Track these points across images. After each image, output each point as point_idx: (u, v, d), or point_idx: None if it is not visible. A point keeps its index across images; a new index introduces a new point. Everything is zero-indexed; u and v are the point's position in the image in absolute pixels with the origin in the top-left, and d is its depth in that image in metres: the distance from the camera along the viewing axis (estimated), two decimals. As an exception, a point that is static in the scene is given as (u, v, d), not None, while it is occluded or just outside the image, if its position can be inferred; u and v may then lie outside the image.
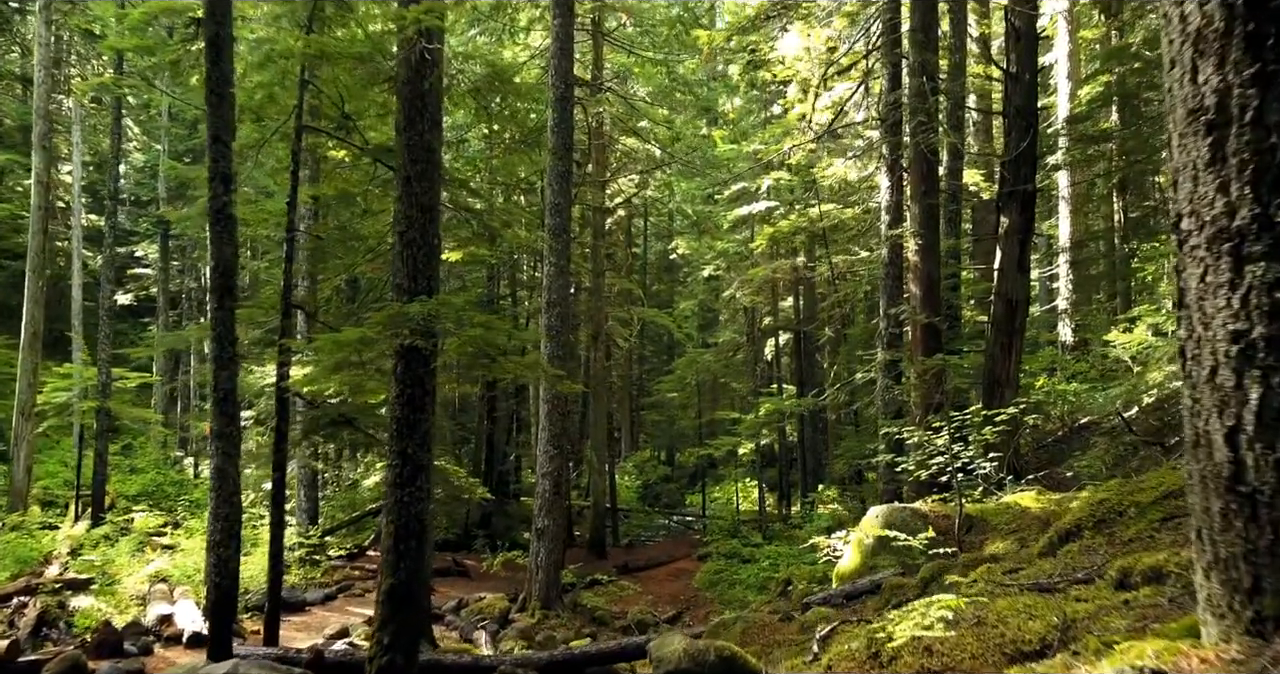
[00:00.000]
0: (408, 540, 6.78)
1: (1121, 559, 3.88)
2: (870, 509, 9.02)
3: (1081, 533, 5.53)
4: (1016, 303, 12.32)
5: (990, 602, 3.98)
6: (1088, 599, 3.53)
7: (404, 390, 6.95)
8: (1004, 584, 4.54)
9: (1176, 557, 3.42)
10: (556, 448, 14.44)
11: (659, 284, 44.46)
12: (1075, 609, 3.31)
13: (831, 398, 13.79)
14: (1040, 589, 4.07)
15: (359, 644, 11.20)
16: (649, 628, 14.40)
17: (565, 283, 14.68)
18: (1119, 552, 4.73)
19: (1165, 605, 3.05)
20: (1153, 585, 3.34)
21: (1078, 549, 5.13)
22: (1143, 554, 3.65)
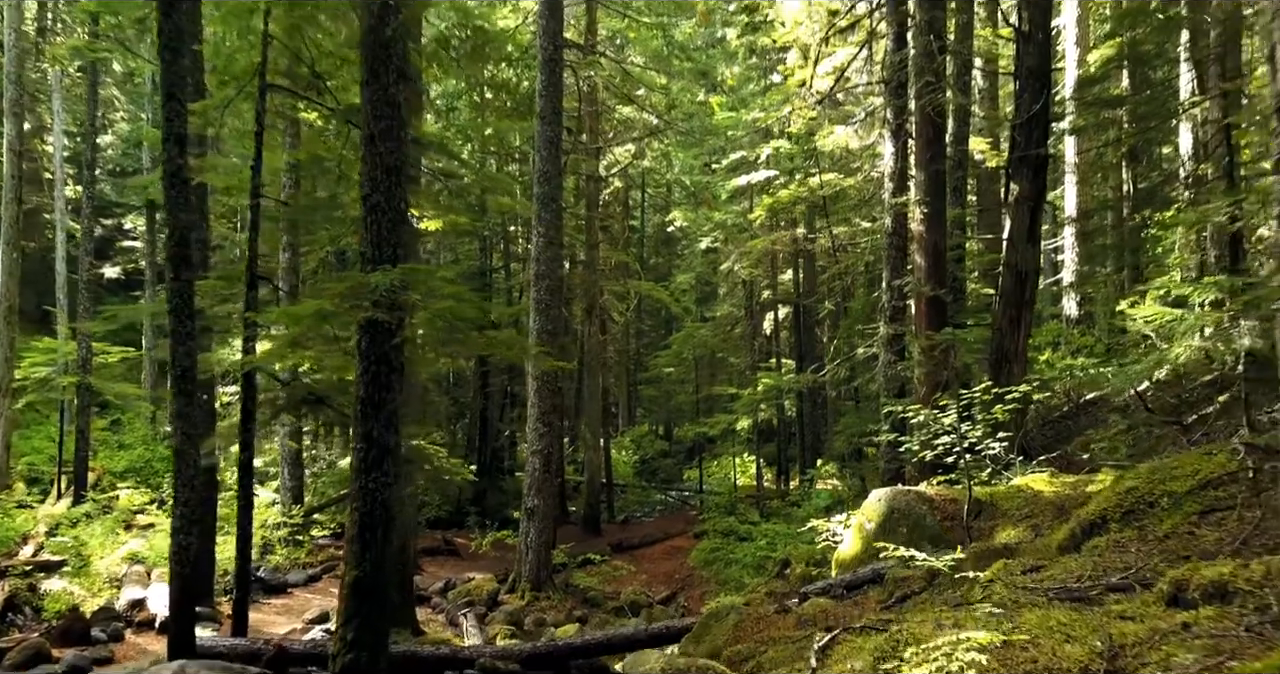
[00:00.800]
0: (373, 530, 6.27)
1: (1173, 568, 3.37)
2: (872, 492, 8.51)
3: (1107, 525, 5.01)
4: (1026, 274, 11.76)
5: (1014, 612, 3.46)
6: (1133, 616, 3.01)
7: (369, 368, 6.41)
8: (1027, 588, 4.02)
9: (1245, 571, 2.91)
10: (547, 425, 13.94)
11: (657, 257, 43.85)
12: (1122, 631, 2.80)
13: (831, 374, 13.27)
14: (1071, 597, 3.55)
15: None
16: (642, 610, 14.00)
17: (555, 254, 14.10)
18: (1155, 550, 4.21)
19: (1240, 635, 2.54)
20: (1217, 605, 2.83)
21: (1105, 545, 4.61)
22: (1200, 564, 3.13)
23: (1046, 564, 4.57)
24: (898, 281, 12.48)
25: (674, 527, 22.07)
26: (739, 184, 23.54)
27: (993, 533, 7.24)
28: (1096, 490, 7.16)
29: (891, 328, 12.51)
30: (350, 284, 5.99)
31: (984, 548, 6.35)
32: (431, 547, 17.95)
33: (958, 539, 7.56)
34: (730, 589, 15.48)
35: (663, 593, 15.54)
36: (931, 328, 11.98)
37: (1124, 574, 3.83)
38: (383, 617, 6.34)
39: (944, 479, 9.09)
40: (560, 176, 14.39)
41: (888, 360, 12.36)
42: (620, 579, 15.81)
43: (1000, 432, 8.56)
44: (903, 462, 11.73)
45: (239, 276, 8.75)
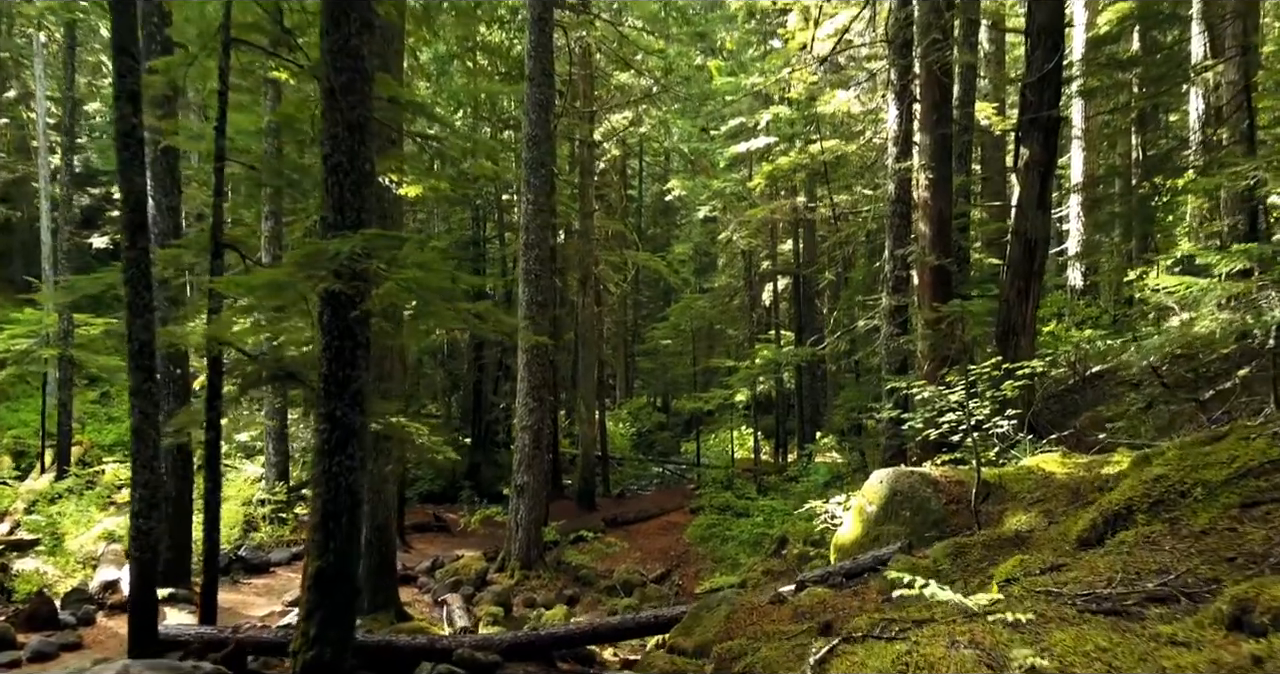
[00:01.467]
0: (337, 517, 5.82)
1: (1229, 579, 2.93)
2: (873, 473, 8.07)
3: (1133, 516, 4.55)
4: (1035, 243, 11.23)
5: (1040, 628, 3.01)
6: (1187, 642, 2.56)
7: (331, 342, 5.93)
8: (1049, 593, 3.57)
9: (1329, 592, 2.46)
10: (537, 400, 13.49)
11: (655, 227, 43.23)
12: (1178, 664, 2.36)
13: (831, 347, 12.79)
14: (1105, 609, 3.10)
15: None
16: (634, 589, 13.65)
17: (545, 222, 13.57)
18: (1193, 549, 3.75)
19: (1335, 681, 2.10)
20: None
21: (1134, 541, 4.15)
22: (1268, 580, 2.67)
23: (1068, 562, 4.11)
24: (901, 251, 11.96)
25: (670, 501, 21.72)
26: (738, 151, 22.91)
27: (1002, 518, 6.80)
28: (1114, 473, 6.71)
29: (894, 299, 12.03)
30: (306, 251, 5.49)
31: (993, 536, 5.91)
32: (421, 523, 17.60)
33: (963, 524, 7.14)
34: (726, 567, 15.13)
35: (657, 571, 15.18)
36: (936, 299, 11.49)
37: (1162, 580, 3.37)
38: (349, 610, 5.91)
39: (949, 459, 8.65)
40: (550, 141, 13.81)
41: (890, 333, 11.89)
42: (613, 556, 15.46)
43: (1008, 409, 8.12)
44: (904, 439, 11.30)
45: (204, 245, 8.23)
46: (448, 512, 19.68)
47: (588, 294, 20.66)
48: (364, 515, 6.09)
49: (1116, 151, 23.95)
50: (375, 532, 10.42)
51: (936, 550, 6.09)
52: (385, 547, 10.50)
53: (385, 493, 10.49)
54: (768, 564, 14.30)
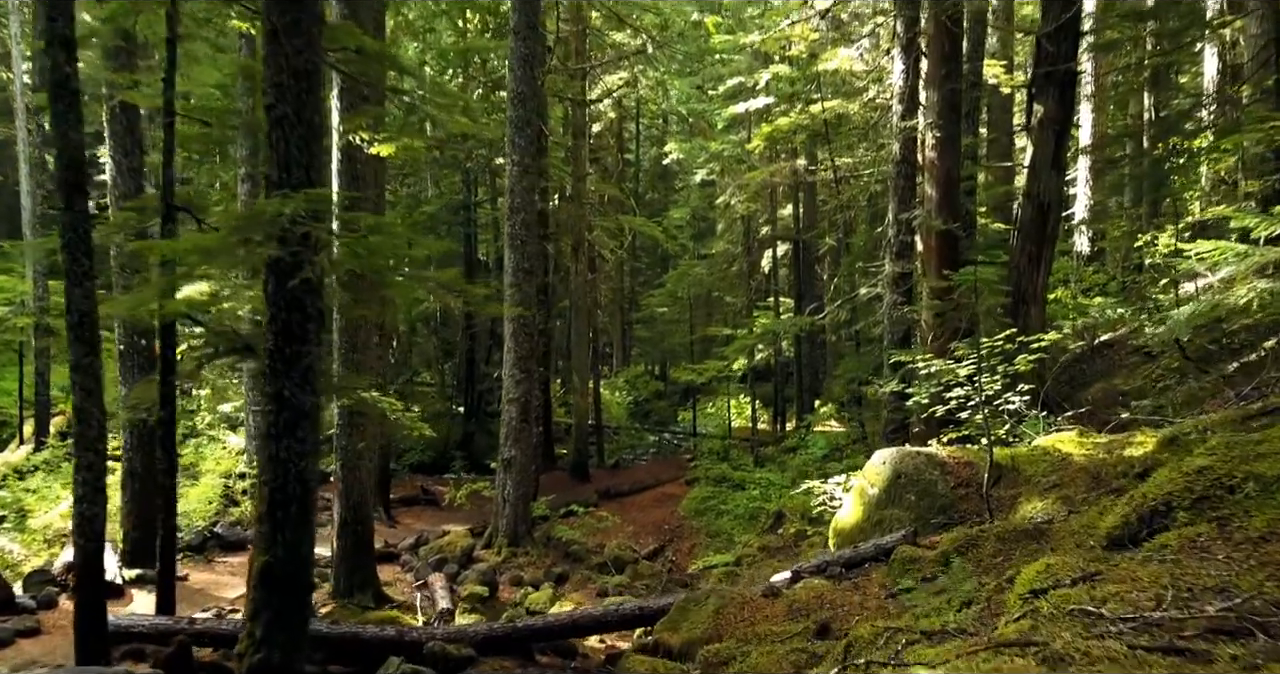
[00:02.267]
0: (286, 506, 5.28)
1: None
2: (876, 453, 7.54)
3: (1173, 514, 4.00)
4: (1049, 205, 10.62)
5: (1085, 668, 2.47)
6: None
7: (277, 315, 5.34)
8: (1086, 612, 3.02)
9: None
10: (524, 371, 12.93)
11: (653, 192, 42.41)
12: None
13: (831, 316, 12.21)
14: (1163, 646, 2.55)
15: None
16: (626, 566, 13.20)
17: (531, 184, 12.90)
18: (1252, 559, 3.21)
19: None
20: None
21: (1178, 545, 3.61)
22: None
23: (1102, 570, 3.56)
24: (905, 215, 11.33)
25: (665, 472, 21.26)
26: (736, 112, 22.12)
27: (1015, 504, 6.27)
28: (1138, 455, 6.17)
29: (897, 266, 11.42)
30: (244, 214, 4.88)
31: (1009, 527, 5.37)
32: (409, 496, 17.13)
33: (973, 510, 6.61)
34: (721, 542, 14.68)
35: (650, 546, 14.74)
36: (942, 266, 10.89)
37: (1224, 602, 2.82)
38: (300, 608, 5.39)
39: (955, 436, 8.10)
40: (537, 99, 13.10)
41: (893, 302, 11.30)
42: (605, 531, 15.00)
43: (1020, 384, 7.58)
44: (907, 412, 10.76)
45: (156, 207, 7.62)
46: (438, 483, 19.22)
47: (580, 261, 20.02)
48: (315, 504, 5.52)
49: (1128, 112, 23.16)
50: (351, 510, 9.93)
51: (946, 542, 5.56)
52: (361, 526, 10.00)
53: (361, 470, 9.97)
54: (764, 540, 13.85)
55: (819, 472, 14.66)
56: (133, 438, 11.11)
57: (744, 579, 11.59)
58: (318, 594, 10.12)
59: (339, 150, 9.81)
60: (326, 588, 10.16)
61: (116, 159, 10.62)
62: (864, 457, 15.24)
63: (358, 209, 9.58)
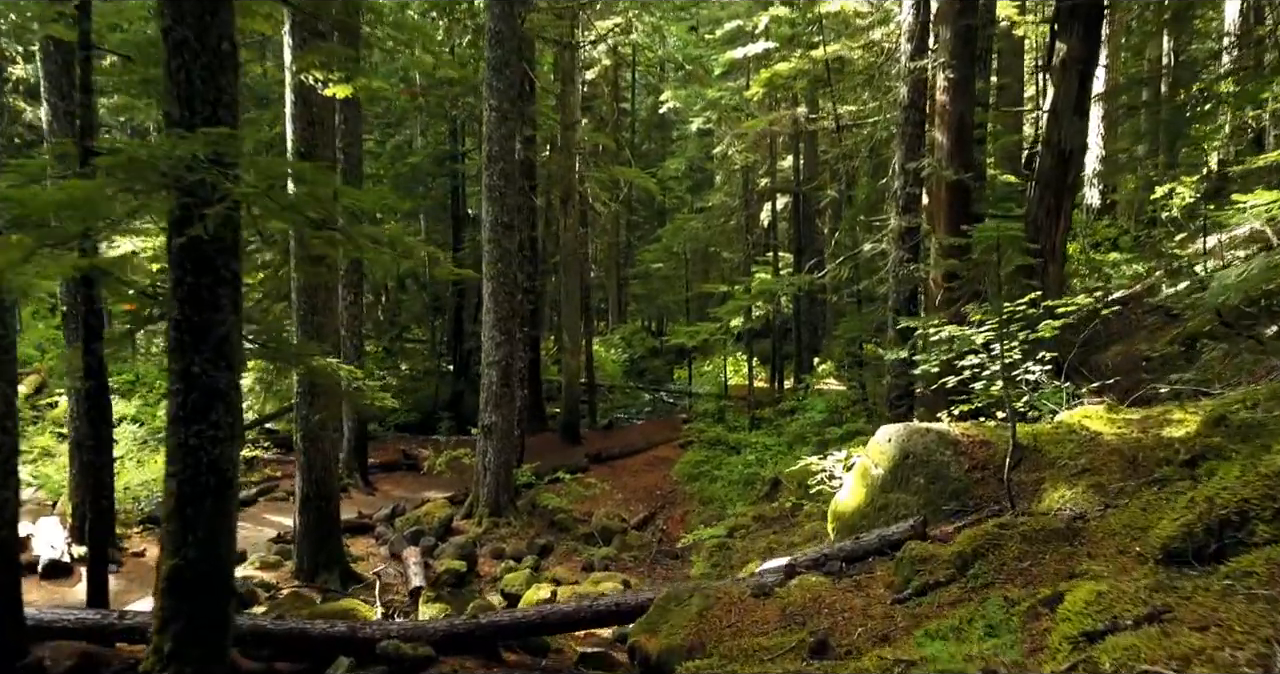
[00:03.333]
0: (198, 502, 4.55)
1: None
2: (881, 430, 6.79)
3: (1249, 528, 3.27)
4: (1071, 153, 9.76)
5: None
6: None
7: (183, 279, 4.55)
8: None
9: None
10: (504, 333, 12.16)
11: (649, 142, 41.27)
12: None
13: (833, 274, 11.40)
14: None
15: (250, 575, 9.28)
16: (614, 536, 12.59)
17: (510, 132, 11.99)
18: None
19: None
20: None
21: (1265, 571, 2.87)
22: None
23: (1171, 605, 2.83)
24: (913, 164, 10.45)
25: (659, 433, 20.62)
26: (734, 57, 21.04)
27: (1039, 491, 5.54)
28: (1180, 436, 5.43)
29: (904, 220, 10.56)
30: (128, 157, 4.06)
31: (1036, 525, 4.64)
32: (389, 461, 16.47)
33: (990, 496, 5.88)
34: (715, 509, 14.05)
35: (640, 514, 14.12)
36: (954, 220, 10.05)
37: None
38: (220, 619, 4.67)
39: (968, 409, 7.35)
40: (516, 38, 12.11)
41: (899, 258, 10.47)
42: (594, 498, 14.37)
43: (1041, 352, 6.82)
44: (912, 379, 10.01)
45: (72, 153, 6.77)
46: (422, 446, 18.54)
47: (570, 214, 19.12)
48: (235, 497, 4.79)
49: (1145, 57, 22.04)
50: (313, 485, 9.24)
51: (962, 541, 4.83)
52: (326, 501, 9.32)
53: (324, 442, 9.26)
54: (759, 509, 13.21)
55: (817, 436, 13.99)
56: (77, 406, 10.38)
57: (736, 553, 10.98)
58: (280, 573, 9.49)
59: (293, 92, 8.92)
60: (290, 566, 9.53)
61: (53, 102, 9.72)
62: (865, 420, 14.58)
63: (314, 157, 8.74)
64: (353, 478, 14.35)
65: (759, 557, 10.57)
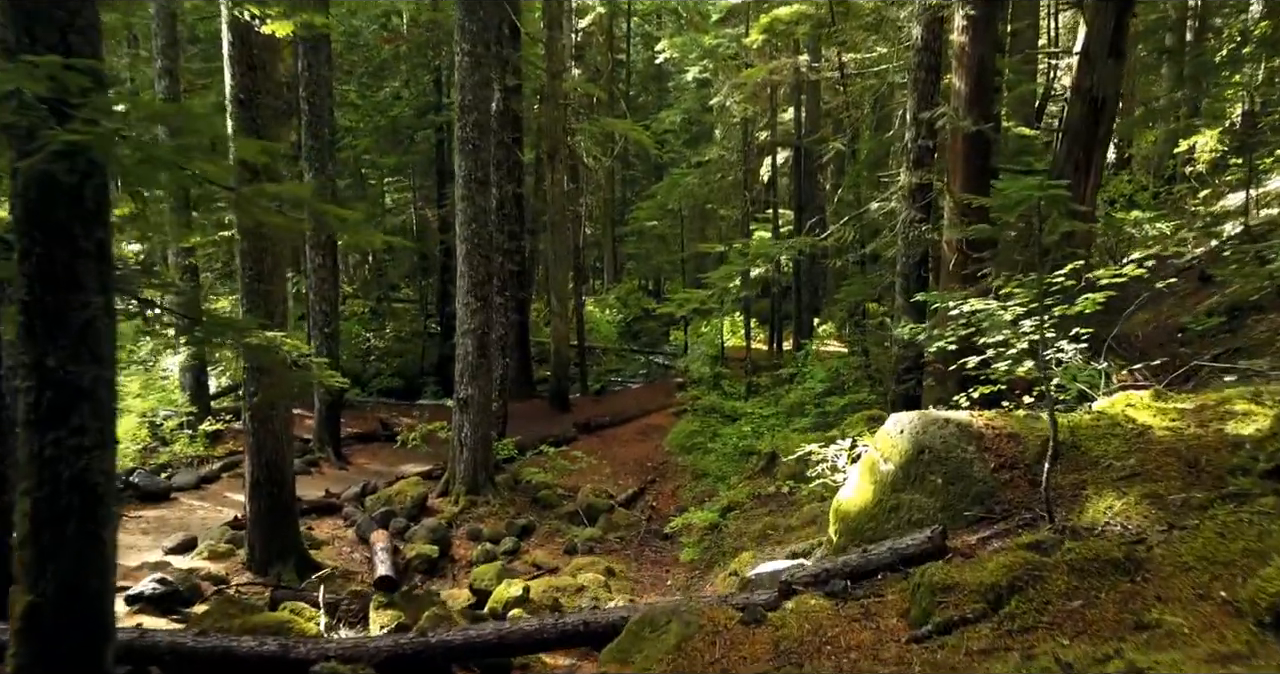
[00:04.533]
0: (58, 524, 3.70)
1: None
2: (892, 418, 5.93)
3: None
4: (1104, 101, 8.76)
5: None
6: None
7: (32, 250, 3.65)
8: None
9: None
10: (481, 299, 11.26)
11: (645, 94, 39.97)
12: None
13: (836, 236, 10.45)
14: None
15: (198, 566, 8.51)
16: (600, 515, 11.83)
17: (484, 79, 10.96)
18: None
19: None
20: None
21: None
22: None
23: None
24: (927, 113, 9.44)
25: (652, 400, 19.83)
26: (733, 2, 19.88)
27: (1081, 500, 4.70)
28: (1249, 434, 4.58)
29: (915, 176, 9.59)
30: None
31: (1088, 554, 3.79)
32: (365, 432, 15.64)
33: (1020, 502, 5.04)
34: (707, 484, 13.27)
35: (629, 489, 13.35)
36: (972, 175, 9.10)
37: None
38: (92, 668, 3.84)
39: (987, 392, 6.48)
40: (490, -26, 11.03)
41: (910, 219, 9.52)
42: (580, 472, 13.59)
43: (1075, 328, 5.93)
44: (920, 349, 9.12)
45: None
46: (404, 414, 17.74)
47: (557, 169, 18.07)
48: (111, 517, 3.94)
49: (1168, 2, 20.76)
50: (264, 469, 8.42)
51: (993, 569, 3.98)
52: (278, 487, 8.51)
53: (275, 422, 8.42)
54: (754, 485, 12.42)
55: (817, 408, 13.17)
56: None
57: (729, 537, 10.21)
58: (231, 564, 8.72)
59: (229, 30, 7.90)
60: (241, 556, 8.75)
61: None
62: (868, 390, 13.76)
63: (256, 106, 7.77)
64: (324, 451, 13.56)
65: (754, 542, 9.81)
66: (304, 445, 13.85)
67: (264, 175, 8.11)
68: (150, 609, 7.01)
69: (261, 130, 7.92)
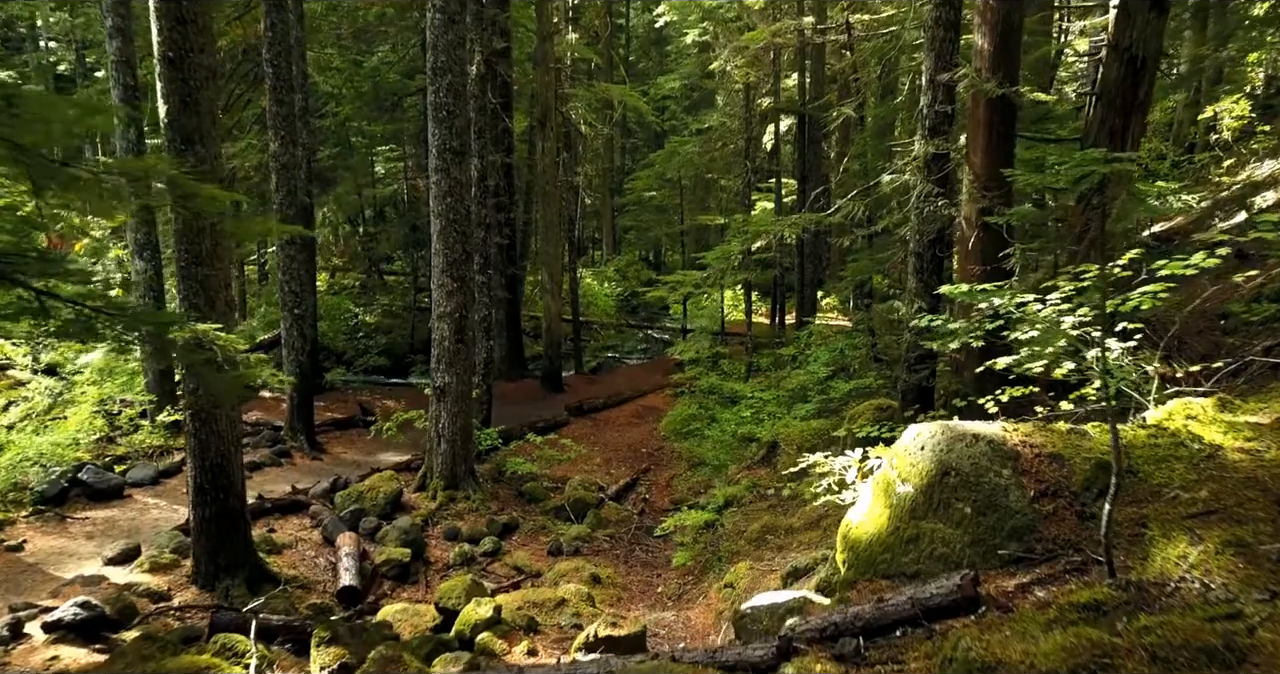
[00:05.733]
0: None
1: None
2: (910, 430, 5.07)
3: None
4: (1143, 62, 7.81)
5: None
6: None
7: None
8: None
9: None
10: (457, 279, 10.39)
11: (646, 60, 38.85)
12: None
13: (845, 212, 9.51)
14: None
15: (137, 581, 7.73)
16: (588, 510, 11.08)
17: (457, 38, 10.00)
18: None
19: None
20: None
21: None
22: None
23: None
24: (945, 75, 8.47)
25: (648, 379, 19.04)
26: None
27: (1144, 543, 3.86)
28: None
29: (932, 145, 8.64)
30: None
31: (1172, 636, 2.96)
32: (344, 418, 14.83)
33: (1067, 538, 4.21)
34: (704, 474, 12.48)
35: (621, 479, 12.59)
36: (995, 144, 8.19)
37: None
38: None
39: (1018, 394, 5.64)
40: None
41: (925, 193, 8.59)
42: (570, 462, 12.82)
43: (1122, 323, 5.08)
44: (936, 339, 8.23)
45: None
46: (386, 397, 16.91)
47: (547, 137, 17.10)
48: None
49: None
50: (208, 473, 7.61)
51: (1046, 647, 3.16)
52: (225, 492, 7.70)
53: (220, 421, 7.60)
54: (754, 476, 11.62)
55: (821, 395, 12.33)
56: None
57: (725, 537, 9.41)
58: (175, 577, 7.95)
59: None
60: (188, 567, 7.97)
61: None
62: (874, 376, 12.90)
63: (186, 63, 6.86)
64: (297, 440, 12.76)
65: (751, 545, 9.02)
66: (275, 434, 13.06)
67: (200, 144, 7.24)
68: (71, 638, 6.22)
69: (194, 92, 7.04)
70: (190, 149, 7.13)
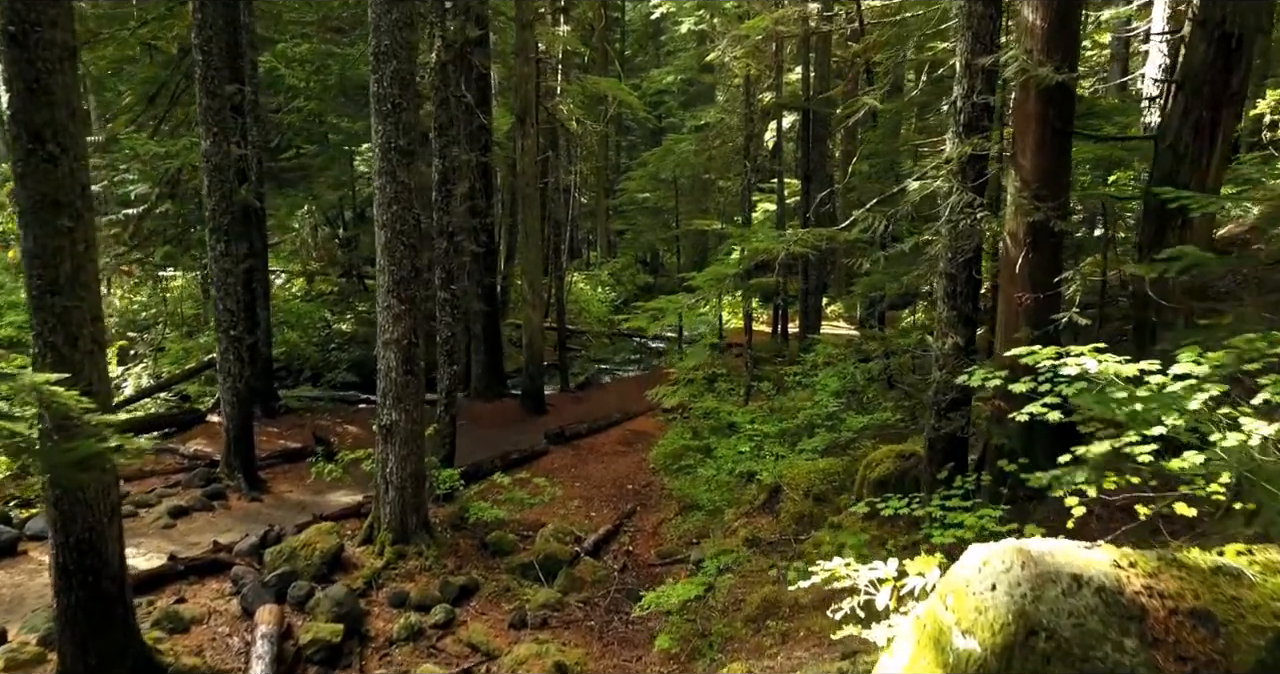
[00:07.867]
0: None
1: None
2: (969, 554, 3.53)
3: None
4: (1238, 41, 6.30)
5: None
6: None
7: None
8: None
9: None
10: (404, 300, 8.89)
11: (642, 54, 37.42)
12: None
13: (861, 227, 7.96)
14: None
15: None
16: (561, 567, 9.58)
17: (403, 18, 8.48)
18: None
19: None
20: None
21: None
22: None
23: None
24: (986, 59, 6.94)
25: (640, 398, 17.49)
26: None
27: None
28: None
29: (968, 145, 7.10)
30: None
31: None
32: (296, 449, 13.23)
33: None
34: (698, 521, 10.97)
35: (603, 524, 11.10)
36: (1049, 144, 6.68)
37: None
38: None
39: (1115, 485, 4.12)
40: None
41: (960, 204, 7.05)
42: (542, 506, 11.31)
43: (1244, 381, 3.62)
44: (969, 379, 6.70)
45: None
46: (349, 422, 15.34)
47: (529, 135, 15.59)
48: None
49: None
50: (73, 551, 6.12)
51: None
52: (95, 575, 6.21)
53: (88, 489, 6.10)
54: (753, 526, 10.09)
55: (832, 433, 10.79)
56: None
57: (717, 618, 7.89)
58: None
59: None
60: (53, 664, 6.49)
61: None
62: (892, 408, 11.41)
63: (31, 41, 5.39)
64: (234, 479, 11.26)
65: (749, 630, 7.47)
66: (210, 471, 11.57)
67: (53, 142, 5.76)
68: None
69: (43, 76, 5.56)
70: (40, 147, 5.65)
